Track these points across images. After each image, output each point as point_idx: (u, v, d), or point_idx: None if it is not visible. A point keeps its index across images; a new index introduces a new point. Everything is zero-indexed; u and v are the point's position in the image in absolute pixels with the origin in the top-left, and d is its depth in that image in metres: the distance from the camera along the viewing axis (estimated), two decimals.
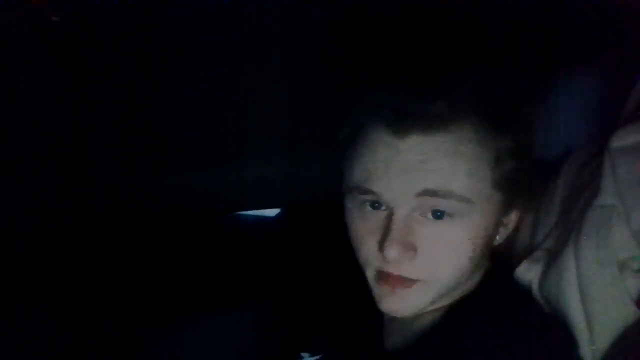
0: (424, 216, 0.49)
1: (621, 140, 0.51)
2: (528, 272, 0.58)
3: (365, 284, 0.59)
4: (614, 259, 0.50)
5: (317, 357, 0.66)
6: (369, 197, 0.50)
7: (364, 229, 0.52)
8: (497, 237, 0.56)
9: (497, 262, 0.60)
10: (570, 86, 0.67)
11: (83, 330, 0.99)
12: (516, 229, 0.60)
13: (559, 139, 0.67)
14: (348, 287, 0.65)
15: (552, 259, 0.56)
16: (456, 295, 0.56)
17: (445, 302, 0.56)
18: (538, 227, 0.63)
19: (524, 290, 0.58)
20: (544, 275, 0.56)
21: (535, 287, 0.57)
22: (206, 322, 1.11)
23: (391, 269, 0.50)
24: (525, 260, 0.59)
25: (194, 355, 1.10)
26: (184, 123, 0.91)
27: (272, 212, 1.25)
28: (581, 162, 0.61)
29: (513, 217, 0.57)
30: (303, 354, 0.66)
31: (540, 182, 0.61)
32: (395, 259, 0.48)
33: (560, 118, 0.67)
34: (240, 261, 1.15)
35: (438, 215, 0.48)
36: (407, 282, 0.50)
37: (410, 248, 0.49)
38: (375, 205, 0.51)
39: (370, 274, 0.53)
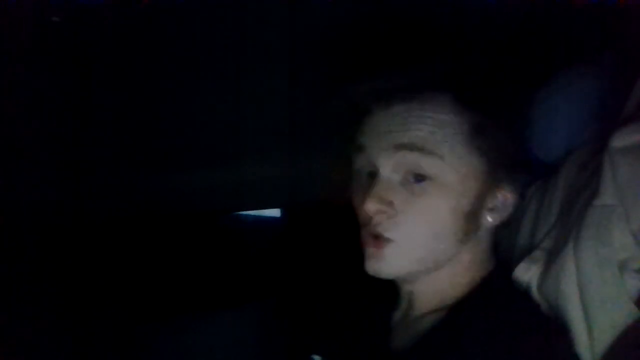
0: (406, 179, 0.55)
1: (621, 140, 0.52)
2: (527, 272, 0.58)
3: (368, 284, 0.59)
4: (614, 259, 0.50)
5: None
6: (361, 157, 0.58)
7: (361, 195, 0.57)
8: (486, 221, 0.57)
9: (497, 262, 0.60)
10: (570, 86, 0.67)
11: (83, 329, 0.99)
12: (510, 225, 0.60)
13: (559, 139, 0.67)
14: (351, 287, 0.65)
15: (552, 258, 0.56)
16: (454, 291, 0.58)
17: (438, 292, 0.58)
18: (538, 227, 0.63)
19: (523, 291, 0.58)
20: (544, 275, 0.56)
21: (534, 286, 0.57)
22: (207, 322, 1.11)
23: (373, 228, 0.55)
24: (524, 260, 0.59)
25: (195, 355, 1.10)
26: (183, 123, 0.91)
27: (271, 212, 1.25)
28: (581, 162, 0.61)
29: (500, 199, 0.57)
30: (314, 357, 0.65)
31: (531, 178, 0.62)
32: (373, 212, 0.54)
33: (560, 118, 0.67)
34: (240, 261, 1.15)
35: (419, 179, 0.54)
36: (382, 242, 0.55)
37: (389, 206, 0.54)
38: (371, 174, 0.57)
39: (363, 236, 0.58)
